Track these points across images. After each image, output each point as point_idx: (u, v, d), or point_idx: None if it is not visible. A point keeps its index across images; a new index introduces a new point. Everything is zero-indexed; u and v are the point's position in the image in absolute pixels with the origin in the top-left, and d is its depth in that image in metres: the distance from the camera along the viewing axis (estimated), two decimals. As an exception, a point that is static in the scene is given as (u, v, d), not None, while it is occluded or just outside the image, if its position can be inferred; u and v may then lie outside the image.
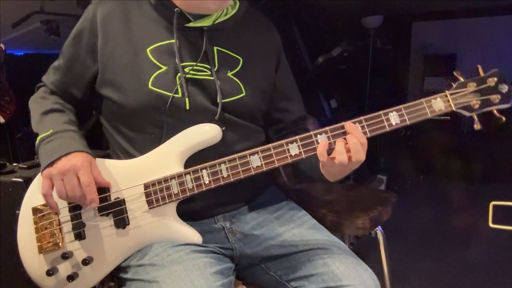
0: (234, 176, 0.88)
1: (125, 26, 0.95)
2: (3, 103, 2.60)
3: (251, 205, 1.04)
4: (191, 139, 0.91)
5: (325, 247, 0.94)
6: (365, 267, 0.92)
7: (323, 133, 0.87)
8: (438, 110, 0.86)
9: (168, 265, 0.84)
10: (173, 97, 0.90)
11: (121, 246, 0.91)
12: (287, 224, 1.01)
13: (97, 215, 0.91)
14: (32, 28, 3.41)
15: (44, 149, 0.90)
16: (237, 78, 0.97)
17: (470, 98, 0.86)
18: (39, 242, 0.91)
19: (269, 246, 0.97)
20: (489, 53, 4.57)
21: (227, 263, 0.93)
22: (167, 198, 0.89)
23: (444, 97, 0.87)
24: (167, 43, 0.94)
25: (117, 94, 0.93)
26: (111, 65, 0.94)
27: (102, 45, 0.94)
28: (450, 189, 3.54)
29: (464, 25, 4.67)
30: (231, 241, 0.98)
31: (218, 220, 0.99)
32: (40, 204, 0.92)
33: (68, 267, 0.91)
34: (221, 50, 0.98)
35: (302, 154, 0.87)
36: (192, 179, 0.88)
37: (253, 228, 1.00)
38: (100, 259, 0.91)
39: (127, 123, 0.96)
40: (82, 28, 0.97)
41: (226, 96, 0.95)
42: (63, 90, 1.02)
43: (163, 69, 0.92)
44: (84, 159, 0.87)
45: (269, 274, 0.98)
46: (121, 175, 0.92)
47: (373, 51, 4.09)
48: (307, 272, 0.92)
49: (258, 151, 0.87)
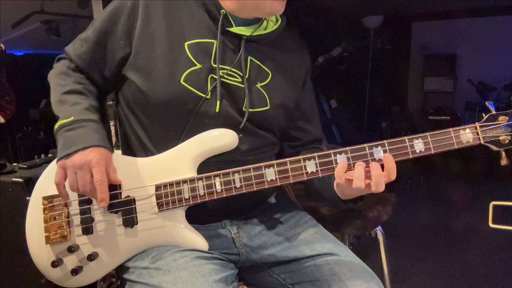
0: (247, 188, 0.86)
1: (168, 15, 0.93)
2: (3, 103, 2.60)
3: (258, 209, 1.04)
4: (207, 144, 0.90)
5: (331, 252, 0.93)
6: (372, 274, 0.91)
7: (343, 153, 0.84)
8: (465, 142, 0.84)
9: (173, 271, 0.83)
10: (205, 98, 0.89)
11: (127, 245, 0.91)
12: (293, 228, 1.01)
13: (106, 211, 0.90)
14: (32, 28, 3.42)
15: (63, 137, 0.87)
16: (264, 91, 0.97)
17: (500, 133, 0.84)
18: (47, 232, 0.90)
19: (275, 251, 0.97)
20: (489, 53, 4.58)
21: (232, 270, 0.93)
22: (177, 202, 0.88)
23: (474, 129, 0.84)
24: (206, 42, 0.92)
25: (145, 82, 0.90)
26: (146, 50, 0.91)
27: (140, 28, 0.91)
28: (450, 189, 3.54)
29: (464, 25, 4.67)
30: (238, 247, 0.97)
31: (225, 224, 0.98)
32: (51, 194, 0.92)
33: (73, 260, 0.91)
34: (254, 61, 0.97)
35: (319, 173, 0.85)
36: (204, 186, 0.87)
37: (260, 233, 1.00)
38: (105, 256, 0.91)
39: (149, 113, 0.93)
40: (122, 6, 0.92)
41: (252, 106, 0.94)
42: (91, 64, 0.96)
43: (197, 66, 0.90)
44: (100, 155, 0.85)
45: (272, 276, 0.98)
46: (134, 173, 0.92)
47: (373, 51, 4.09)
48: (313, 277, 0.91)
49: (274, 165, 0.85)
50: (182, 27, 0.93)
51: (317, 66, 2.97)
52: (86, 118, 0.89)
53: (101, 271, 0.92)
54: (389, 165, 0.81)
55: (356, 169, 0.81)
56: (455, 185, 3.63)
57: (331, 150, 0.85)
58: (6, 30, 3.23)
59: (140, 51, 0.91)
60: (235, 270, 0.95)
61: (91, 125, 0.89)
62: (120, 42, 0.93)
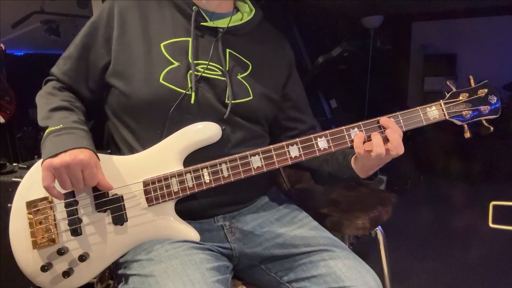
0: (234, 176, 0.89)
1: (142, 20, 0.97)
2: (3, 103, 2.60)
3: (251, 206, 1.04)
4: (190, 137, 0.91)
5: (327, 248, 0.94)
6: (368, 269, 0.92)
7: (323, 136, 0.89)
8: (432, 118, 0.91)
9: (165, 260, 0.84)
10: (184, 94, 0.91)
11: (118, 243, 0.91)
12: (288, 225, 1.01)
13: (95, 211, 0.90)
14: (32, 28, 3.42)
15: (51, 141, 0.87)
16: (246, 82, 0.99)
17: (462, 108, 0.92)
18: (33, 237, 0.89)
19: (270, 246, 0.97)
20: (489, 53, 4.57)
21: (224, 262, 0.93)
22: (166, 196, 0.89)
23: (439, 106, 0.92)
24: (182, 40, 0.96)
25: (126, 85, 0.94)
26: (124, 56, 0.95)
27: (117, 36, 0.95)
28: (450, 189, 3.54)
29: (464, 25, 4.67)
30: (230, 241, 0.98)
31: (218, 220, 0.99)
32: (34, 199, 0.91)
33: (63, 263, 0.90)
34: (233, 53, 1.00)
35: (302, 157, 0.89)
36: (192, 178, 0.89)
37: (253, 229, 1.00)
38: (97, 255, 0.91)
39: (133, 114, 0.96)
40: (99, 19, 0.98)
41: (235, 97, 0.96)
42: (77, 79, 1.00)
43: (175, 64, 0.93)
44: (90, 157, 0.86)
45: (270, 275, 0.98)
46: (120, 172, 0.92)
47: (373, 51, 4.09)
48: (309, 273, 0.92)
49: (259, 152, 0.89)
50: (156, 29, 0.97)
51: (317, 66, 2.96)
52: (74, 126, 0.91)
53: (94, 271, 0.92)
54: (392, 125, 0.87)
55: (374, 137, 0.86)
56: (455, 185, 3.63)
57: (312, 135, 0.90)
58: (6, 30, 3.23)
59: (119, 57, 0.95)
60: (229, 264, 0.95)
61: (80, 132, 0.90)
62: (100, 51, 0.97)
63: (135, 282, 0.85)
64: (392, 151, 0.85)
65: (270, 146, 0.90)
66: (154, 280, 0.81)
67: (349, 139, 0.89)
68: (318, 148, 0.89)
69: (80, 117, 0.97)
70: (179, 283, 0.78)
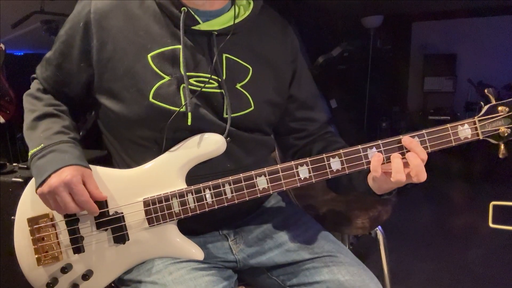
0: (238, 198, 0.83)
1: (124, 27, 0.84)
2: (3, 103, 2.60)
3: (255, 213, 1.02)
4: (193, 151, 0.85)
5: (330, 254, 0.92)
6: (371, 276, 0.90)
7: (336, 156, 0.81)
8: (463, 138, 0.79)
9: (169, 285, 0.81)
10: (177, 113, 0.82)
11: (121, 260, 0.89)
12: (292, 230, 0.98)
13: (96, 229, 0.88)
14: (32, 28, 3.41)
15: (35, 166, 0.83)
16: (245, 91, 0.89)
17: (499, 125, 0.78)
18: (37, 254, 0.88)
19: (273, 255, 0.95)
20: (489, 53, 4.58)
21: (230, 278, 0.91)
22: (167, 216, 0.85)
23: (472, 124, 0.79)
24: (171, 49, 0.84)
25: (115, 104, 0.85)
26: (109, 71, 0.84)
27: (98, 49, 0.84)
28: (450, 189, 3.53)
29: (464, 25, 4.67)
30: (235, 254, 0.96)
31: (222, 231, 0.97)
32: (34, 216, 0.89)
33: (68, 280, 0.89)
34: (230, 57, 0.88)
35: (312, 178, 0.82)
36: (194, 199, 0.84)
37: (257, 237, 0.98)
38: (101, 272, 0.89)
39: (126, 133, 0.89)
40: (75, 26, 0.86)
41: (234, 110, 0.87)
42: (55, 89, 0.93)
43: (165, 79, 0.83)
44: (74, 172, 0.80)
45: (272, 278, 0.97)
46: (120, 187, 0.88)
47: (373, 51, 4.09)
48: (312, 279, 0.90)
49: (265, 173, 0.82)
50: (141, 37, 0.84)
51: (317, 66, 2.96)
52: (55, 141, 0.85)
53: (98, 287, 0.91)
54: (416, 148, 0.77)
55: (393, 161, 0.77)
56: (455, 185, 3.62)
57: (324, 154, 0.81)
58: (6, 30, 3.22)
59: (103, 73, 0.85)
60: (234, 276, 0.94)
61: (61, 147, 0.84)
62: (80, 65, 0.87)
63: None
64: (413, 178, 0.76)
65: (277, 166, 0.83)
66: None
67: (365, 160, 0.80)
68: (330, 170, 0.81)
69: (64, 123, 0.90)
70: None
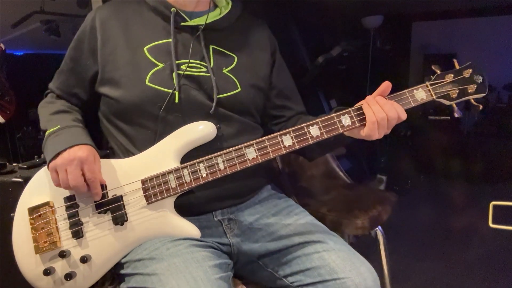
0: (230, 168, 0.90)
1: (123, 27, 1.01)
2: (3, 103, 2.60)
3: (249, 202, 1.06)
4: (186, 137, 0.93)
5: (320, 240, 0.95)
6: (362, 260, 0.93)
7: (315, 124, 0.90)
8: (420, 99, 0.93)
9: (167, 258, 0.85)
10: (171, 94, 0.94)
11: (120, 243, 0.91)
12: (284, 220, 1.03)
13: (95, 212, 0.91)
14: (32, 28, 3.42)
15: (51, 142, 0.93)
16: (232, 75, 1.01)
17: (448, 88, 0.94)
18: (36, 242, 0.90)
19: (266, 243, 0.99)
20: (489, 53, 4.57)
21: (225, 259, 0.95)
22: (165, 192, 0.91)
23: (425, 87, 0.93)
24: (164, 42, 0.99)
25: (115, 90, 0.97)
26: (111, 63, 0.98)
27: (101, 46, 0.99)
28: (450, 189, 3.54)
29: (464, 25, 4.67)
30: (229, 237, 1.00)
31: (216, 215, 1.01)
32: (35, 205, 0.92)
33: (66, 265, 0.91)
34: (216, 48, 1.03)
35: (295, 145, 0.90)
36: (189, 173, 0.90)
37: (251, 224, 1.02)
38: (99, 257, 0.91)
39: (125, 118, 0.99)
40: (83, 32, 1.03)
41: (222, 91, 0.98)
42: (68, 92, 1.07)
43: (159, 66, 0.96)
44: (89, 152, 0.90)
45: (267, 270, 0.99)
46: (119, 174, 0.93)
47: (373, 51, 4.08)
48: (303, 266, 0.93)
49: (253, 144, 0.90)
50: (138, 34, 1.00)
51: (317, 66, 2.96)
52: (71, 124, 0.97)
53: (97, 273, 0.92)
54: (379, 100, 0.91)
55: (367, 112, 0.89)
56: (455, 185, 3.62)
57: (303, 124, 0.90)
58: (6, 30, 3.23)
59: (106, 65, 0.99)
60: (230, 261, 0.96)
61: (77, 129, 0.97)
62: (87, 63, 1.02)
63: (138, 281, 0.85)
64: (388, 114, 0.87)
65: (263, 137, 0.91)
66: (157, 279, 0.81)
67: (340, 124, 0.90)
68: (310, 136, 0.90)
69: (78, 116, 1.04)
70: (182, 280, 0.79)
